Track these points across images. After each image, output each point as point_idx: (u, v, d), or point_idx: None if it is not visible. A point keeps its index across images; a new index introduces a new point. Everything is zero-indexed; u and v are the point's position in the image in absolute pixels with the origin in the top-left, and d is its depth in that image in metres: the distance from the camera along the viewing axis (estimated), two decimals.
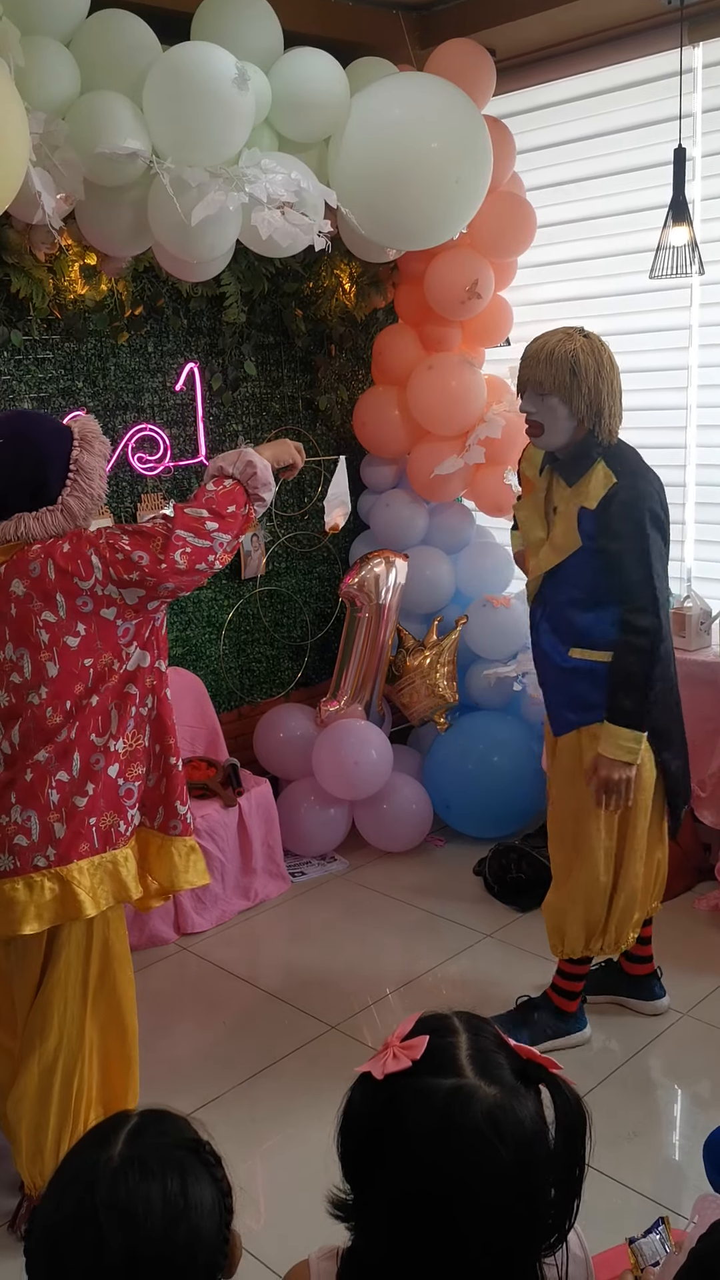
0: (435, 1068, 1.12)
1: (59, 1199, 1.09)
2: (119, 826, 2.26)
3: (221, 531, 2.23)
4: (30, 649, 2.13)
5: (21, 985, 2.26)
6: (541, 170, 4.09)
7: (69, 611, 2.13)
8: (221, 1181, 1.15)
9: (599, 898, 2.76)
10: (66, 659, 2.14)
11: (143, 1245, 1.05)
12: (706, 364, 3.76)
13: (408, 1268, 1.10)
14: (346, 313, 4.20)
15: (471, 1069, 1.12)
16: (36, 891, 2.15)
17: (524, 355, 2.65)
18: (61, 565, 2.12)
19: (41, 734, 2.15)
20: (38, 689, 2.14)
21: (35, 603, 2.12)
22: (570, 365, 2.55)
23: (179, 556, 2.16)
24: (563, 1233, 1.14)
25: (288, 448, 2.49)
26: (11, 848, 2.15)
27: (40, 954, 2.23)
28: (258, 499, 2.33)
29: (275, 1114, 2.71)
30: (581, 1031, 2.93)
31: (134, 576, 2.14)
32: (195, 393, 3.88)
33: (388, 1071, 1.12)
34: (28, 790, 2.15)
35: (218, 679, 4.13)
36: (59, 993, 2.23)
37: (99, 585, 2.13)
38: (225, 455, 2.35)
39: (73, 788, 2.18)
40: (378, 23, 3.78)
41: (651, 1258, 1.40)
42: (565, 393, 2.56)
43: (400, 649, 4.21)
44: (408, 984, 3.28)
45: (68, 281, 3.40)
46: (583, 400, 2.57)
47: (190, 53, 2.85)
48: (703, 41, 3.52)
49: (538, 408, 2.62)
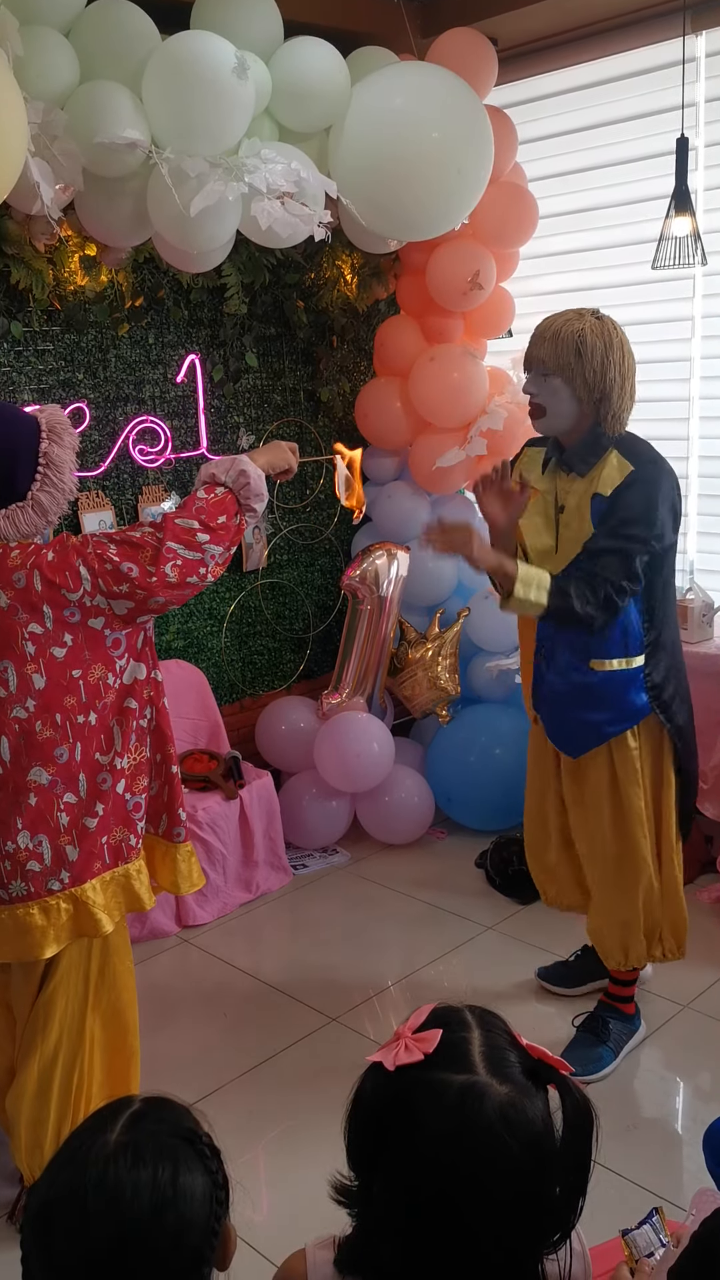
0: (448, 1063, 1.12)
1: (54, 1177, 1.11)
2: (129, 840, 2.26)
3: (213, 543, 2.17)
4: (15, 661, 2.08)
5: (24, 988, 2.25)
6: (543, 160, 4.08)
7: (55, 622, 2.08)
8: (216, 1174, 1.15)
9: (655, 902, 2.74)
10: (53, 670, 2.09)
11: (128, 1228, 1.06)
12: (709, 355, 3.75)
13: (413, 1261, 1.10)
14: (348, 304, 4.19)
15: (484, 1066, 1.12)
16: (53, 915, 2.14)
17: (532, 334, 2.56)
18: (48, 576, 2.06)
19: (34, 749, 2.10)
20: (24, 702, 2.09)
21: (21, 615, 2.06)
22: (576, 345, 2.45)
23: (169, 569, 2.11)
24: (567, 1230, 1.15)
25: (282, 452, 2.42)
26: (24, 873, 2.12)
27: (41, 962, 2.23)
28: (249, 509, 2.26)
29: (276, 1106, 2.72)
30: (643, 1026, 2.93)
31: (124, 589, 2.09)
32: (196, 384, 3.87)
33: (399, 1063, 1.12)
34: (36, 815, 2.12)
35: (219, 671, 4.12)
36: (62, 989, 2.23)
37: (87, 596, 2.08)
38: (219, 461, 2.28)
39: (82, 809, 2.16)
40: (379, 12, 3.76)
41: (645, 1249, 1.40)
42: (569, 374, 2.47)
43: (402, 641, 4.20)
44: (409, 976, 3.28)
45: (68, 272, 3.39)
46: (586, 383, 2.47)
47: (190, 42, 2.83)
48: (705, 30, 3.51)
49: (540, 389, 2.53)
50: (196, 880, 2.43)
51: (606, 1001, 2.91)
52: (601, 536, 2.49)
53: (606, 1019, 2.87)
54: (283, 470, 2.43)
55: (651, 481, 2.46)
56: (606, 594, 2.44)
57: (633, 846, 2.69)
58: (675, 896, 2.77)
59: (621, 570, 2.45)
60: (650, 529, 2.46)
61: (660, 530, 2.47)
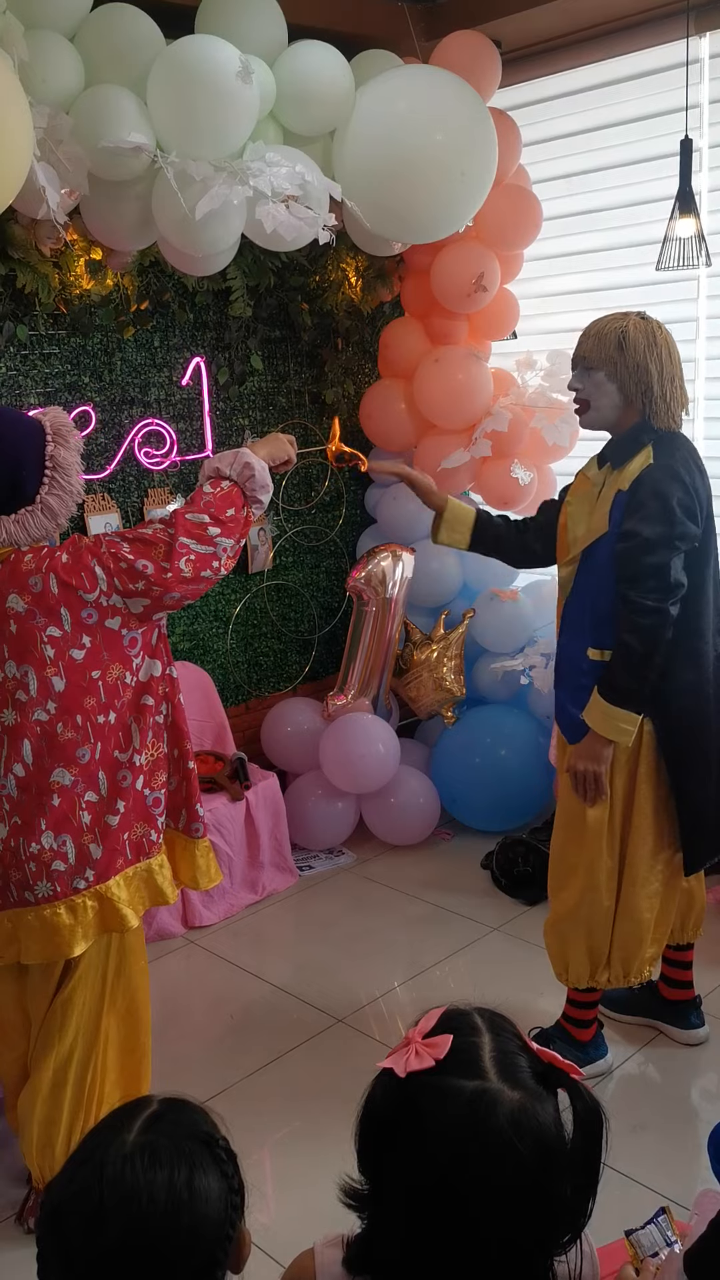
0: (459, 1068, 1.12)
1: (71, 1175, 1.12)
2: (150, 835, 2.28)
3: (224, 536, 2.19)
4: (35, 665, 2.08)
5: (42, 988, 2.25)
6: (547, 162, 4.08)
7: (74, 624, 2.09)
8: (232, 1178, 1.15)
9: (601, 923, 2.62)
10: (73, 672, 2.10)
11: (142, 1230, 1.07)
12: (713, 356, 3.75)
13: (423, 1262, 1.10)
14: (353, 306, 4.20)
15: (495, 1071, 1.12)
16: (80, 913, 2.16)
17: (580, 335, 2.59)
18: (64, 579, 2.07)
19: (56, 750, 2.12)
20: (45, 704, 2.10)
21: (39, 619, 2.07)
22: (618, 340, 2.48)
23: (184, 564, 2.12)
24: (578, 1232, 1.15)
25: (281, 444, 2.45)
26: (50, 874, 2.13)
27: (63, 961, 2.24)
28: (255, 501, 2.29)
29: (282, 1107, 2.72)
30: (603, 1059, 2.79)
31: (139, 586, 2.10)
32: (202, 387, 3.88)
33: (410, 1069, 1.12)
34: (59, 816, 2.13)
35: (225, 673, 4.13)
36: (81, 989, 2.24)
37: (104, 596, 2.09)
38: (221, 455, 2.31)
39: (103, 807, 2.18)
40: (382, 15, 3.77)
41: (650, 1248, 1.40)
42: (611, 368, 2.49)
43: (407, 643, 4.21)
44: (415, 977, 3.28)
45: (73, 276, 3.40)
46: (630, 376, 2.48)
47: (194, 46, 2.84)
48: (709, 32, 3.50)
49: (584, 384, 2.56)
50: (215, 875, 2.45)
51: (561, 1021, 2.82)
52: (618, 546, 2.47)
53: (551, 1039, 2.78)
54: (283, 461, 2.46)
55: (663, 478, 2.43)
56: (630, 599, 2.42)
57: (576, 851, 2.61)
58: (633, 925, 2.62)
59: (654, 569, 2.41)
60: (668, 527, 2.41)
61: (676, 526, 2.42)
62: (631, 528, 2.44)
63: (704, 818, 2.60)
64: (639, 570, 2.43)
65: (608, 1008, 2.99)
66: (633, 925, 2.63)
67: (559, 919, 2.70)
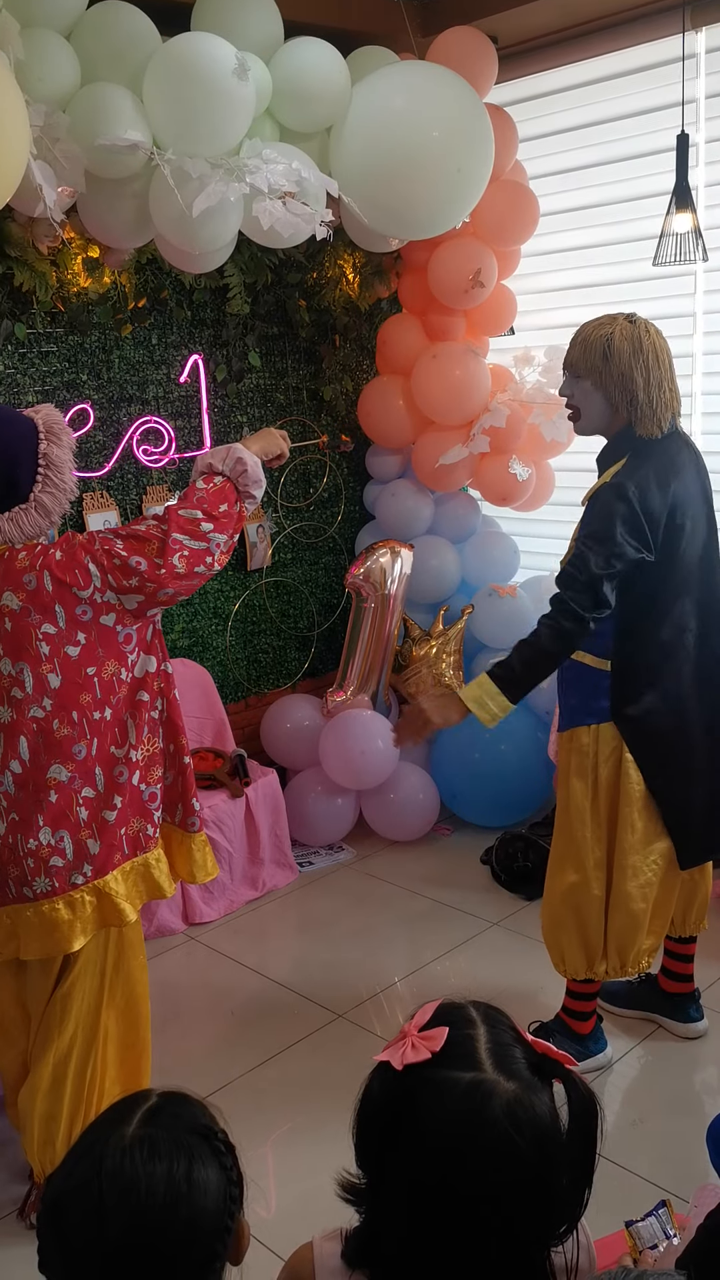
0: (454, 1060, 1.13)
1: (70, 1169, 1.13)
2: (147, 830, 2.29)
3: (217, 532, 2.21)
4: (30, 662, 2.10)
5: (41, 984, 2.26)
6: (544, 158, 4.08)
7: (69, 621, 2.10)
8: (231, 1170, 1.16)
9: (593, 913, 2.62)
10: (68, 669, 2.12)
11: (141, 1222, 1.07)
12: (710, 351, 3.75)
13: (422, 1255, 1.11)
14: (350, 303, 4.20)
15: (490, 1063, 1.13)
16: (78, 908, 2.17)
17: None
18: (58, 576, 2.08)
19: (53, 747, 2.13)
20: (41, 701, 2.11)
21: (34, 616, 2.08)
22: (603, 348, 2.47)
23: (177, 560, 2.14)
24: (574, 1223, 1.16)
25: (273, 438, 2.47)
26: (48, 870, 2.14)
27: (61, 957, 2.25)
28: (248, 496, 2.30)
29: (283, 1102, 2.73)
30: (602, 1053, 2.79)
31: (133, 583, 2.12)
32: (200, 384, 3.88)
33: (406, 1062, 1.13)
34: (57, 812, 2.14)
35: (224, 670, 4.14)
36: (79, 984, 2.25)
37: (98, 593, 2.10)
38: (214, 451, 2.32)
39: (100, 802, 2.19)
40: (379, 11, 3.76)
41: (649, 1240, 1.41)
42: (597, 377, 2.49)
43: (406, 639, 4.21)
44: (415, 972, 3.29)
45: (71, 274, 3.40)
46: (615, 385, 2.48)
47: (190, 43, 2.84)
48: (705, 26, 3.50)
49: (573, 391, 2.57)
50: (211, 869, 2.46)
51: (561, 1014, 2.82)
52: (566, 553, 2.51)
53: (551, 1032, 2.77)
54: (275, 456, 2.47)
55: (610, 489, 2.42)
56: (564, 600, 2.42)
57: (567, 839, 2.64)
58: (626, 915, 2.61)
59: (568, 579, 2.43)
60: (606, 529, 2.40)
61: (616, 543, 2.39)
62: (577, 539, 2.48)
63: (690, 818, 2.61)
64: (572, 580, 2.43)
65: (607, 1001, 2.99)
66: (625, 915, 2.62)
67: (549, 905, 2.72)
